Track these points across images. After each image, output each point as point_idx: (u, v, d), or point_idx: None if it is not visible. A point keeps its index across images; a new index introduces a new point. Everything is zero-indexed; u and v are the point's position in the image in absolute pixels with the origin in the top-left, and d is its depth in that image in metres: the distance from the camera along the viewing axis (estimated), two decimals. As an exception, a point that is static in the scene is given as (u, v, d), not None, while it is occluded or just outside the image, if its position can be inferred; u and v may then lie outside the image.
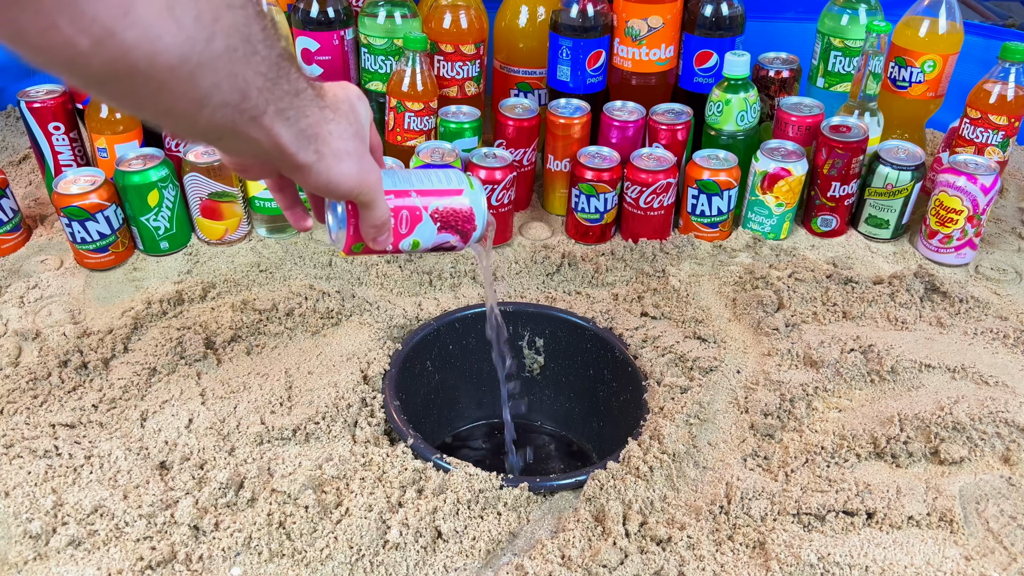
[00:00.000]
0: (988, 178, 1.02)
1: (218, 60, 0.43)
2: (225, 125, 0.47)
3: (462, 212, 0.68)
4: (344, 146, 0.56)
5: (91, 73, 0.40)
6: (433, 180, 0.68)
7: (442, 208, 0.67)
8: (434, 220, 0.67)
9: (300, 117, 0.51)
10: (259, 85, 0.47)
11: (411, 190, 0.66)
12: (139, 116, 0.50)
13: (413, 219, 0.66)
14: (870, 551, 0.68)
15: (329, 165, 0.55)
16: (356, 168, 0.57)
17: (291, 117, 0.50)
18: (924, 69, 1.14)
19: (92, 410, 0.82)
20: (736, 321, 0.98)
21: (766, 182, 1.07)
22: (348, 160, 0.56)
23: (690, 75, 1.19)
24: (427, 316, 0.97)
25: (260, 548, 0.67)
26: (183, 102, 0.44)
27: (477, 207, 0.69)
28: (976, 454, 0.78)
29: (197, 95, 0.44)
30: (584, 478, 0.75)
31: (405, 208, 0.66)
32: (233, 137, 0.50)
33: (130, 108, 0.46)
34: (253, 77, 0.46)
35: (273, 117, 0.49)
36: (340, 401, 0.82)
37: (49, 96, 1.07)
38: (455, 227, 0.69)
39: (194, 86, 0.43)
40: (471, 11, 1.17)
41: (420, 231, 0.67)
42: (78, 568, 0.66)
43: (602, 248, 1.10)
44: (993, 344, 0.93)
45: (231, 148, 0.57)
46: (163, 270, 1.03)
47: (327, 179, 0.55)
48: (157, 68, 0.40)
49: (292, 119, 0.51)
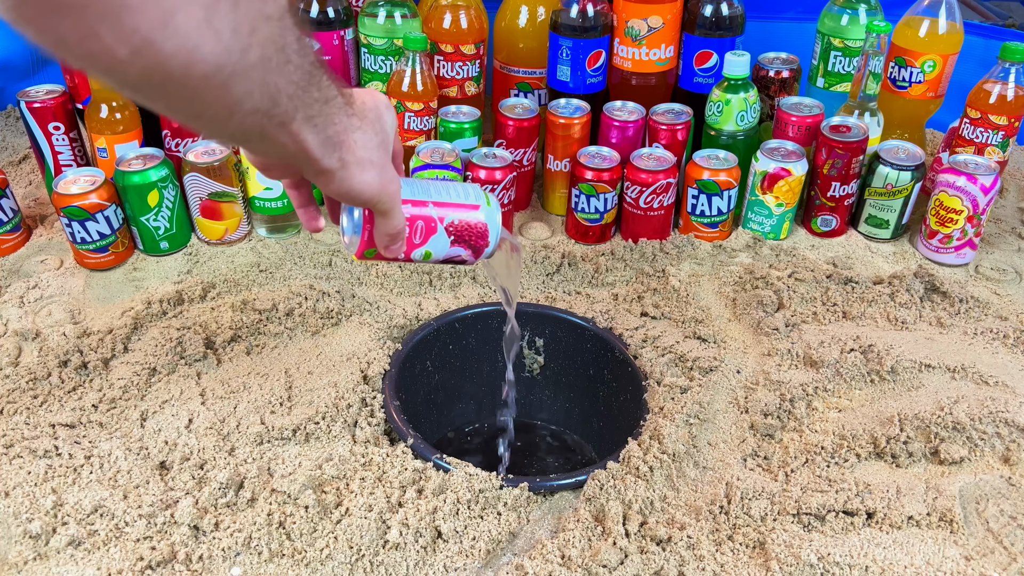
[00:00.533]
0: (988, 178, 1.02)
1: (252, 70, 0.44)
2: (254, 130, 0.48)
3: (477, 227, 0.68)
4: (368, 155, 0.56)
5: (127, 79, 0.41)
6: (451, 193, 0.68)
7: (457, 222, 0.67)
8: (448, 233, 0.67)
9: (328, 124, 0.52)
10: (290, 92, 0.47)
11: (429, 201, 0.66)
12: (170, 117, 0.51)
13: (428, 230, 0.67)
14: (870, 551, 0.68)
15: (352, 173, 0.56)
16: (378, 178, 0.58)
17: (319, 124, 0.51)
18: (924, 69, 1.14)
19: (92, 410, 0.82)
20: (736, 321, 0.98)
21: (766, 182, 1.07)
22: (371, 169, 0.57)
23: (690, 75, 1.19)
24: (427, 316, 0.97)
25: (260, 548, 0.67)
26: (214, 108, 0.45)
27: (492, 224, 0.69)
28: (976, 454, 0.78)
29: (228, 102, 0.44)
30: (584, 478, 0.75)
31: (421, 219, 0.66)
32: (261, 141, 0.51)
33: (162, 110, 0.47)
34: (285, 85, 0.47)
35: (301, 123, 0.50)
36: (340, 401, 0.82)
37: (49, 96, 1.07)
38: (468, 241, 0.69)
39: (226, 93, 0.44)
40: (471, 11, 1.17)
41: (433, 242, 0.67)
42: (78, 568, 0.66)
43: (602, 248, 1.10)
44: (993, 344, 0.93)
45: (257, 150, 0.58)
46: (163, 270, 1.03)
47: (348, 187, 0.56)
48: (192, 77, 0.41)
49: (320, 126, 0.51)
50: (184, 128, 1.08)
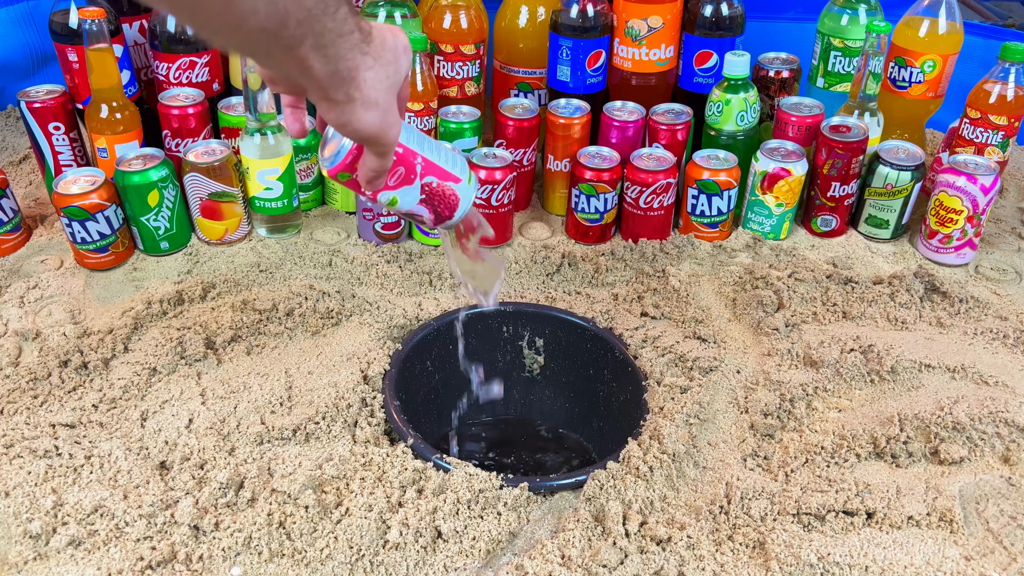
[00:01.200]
0: (988, 178, 1.02)
1: None
2: (259, 48, 0.49)
3: (449, 197, 0.70)
4: (375, 95, 0.57)
5: None
6: (442, 156, 0.70)
7: (435, 185, 0.69)
8: (422, 190, 0.69)
9: (339, 59, 0.52)
10: (300, 17, 0.47)
11: (419, 154, 0.68)
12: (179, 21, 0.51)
13: (404, 179, 0.68)
14: (870, 551, 0.68)
15: (355, 109, 0.56)
16: (380, 119, 0.58)
17: (330, 56, 0.51)
18: (924, 69, 1.14)
19: (92, 410, 0.82)
20: (736, 321, 0.98)
21: (766, 182, 1.07)
22: (375, 110, 0.57)
23: (690, 75, 1.19)
24: (427, 316, 0.97)
25: (260, 548, 0.67)
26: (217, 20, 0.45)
27: (464, 200, 0.71)
28: (976, 454, 0.78)
29: (232, 17, 0.45)
30: (584, 478, 0.75)
31: (403, 166, 0.67)
32: (267, 58, 0.52)
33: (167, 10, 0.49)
34: (295, 9, 0.47)
35: (309, 50, 0.50)
36: (340, 401, 0.82)
37: (49, 96, 1.07)
38: (435, 206, 0.70)
39: (229, 7, 0.44)
40: (471, 11, 1.17)
41: (404, 192, 0.68)
42: (78, 568, 0.66)
43: (602, 248, 1.10)
44: (993, 344, 0.93)
45: (266, 66, 0.60)
46: (163, 270, 1.03)
47: (348, 121, 0.57)
48: None
49: (331, 58, 0.52)
50: (184, 128, 1.08)
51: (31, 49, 1.41)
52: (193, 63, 1.11)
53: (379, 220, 1.06)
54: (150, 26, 1.10)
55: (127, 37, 1.15)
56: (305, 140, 1.10)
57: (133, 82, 1.13)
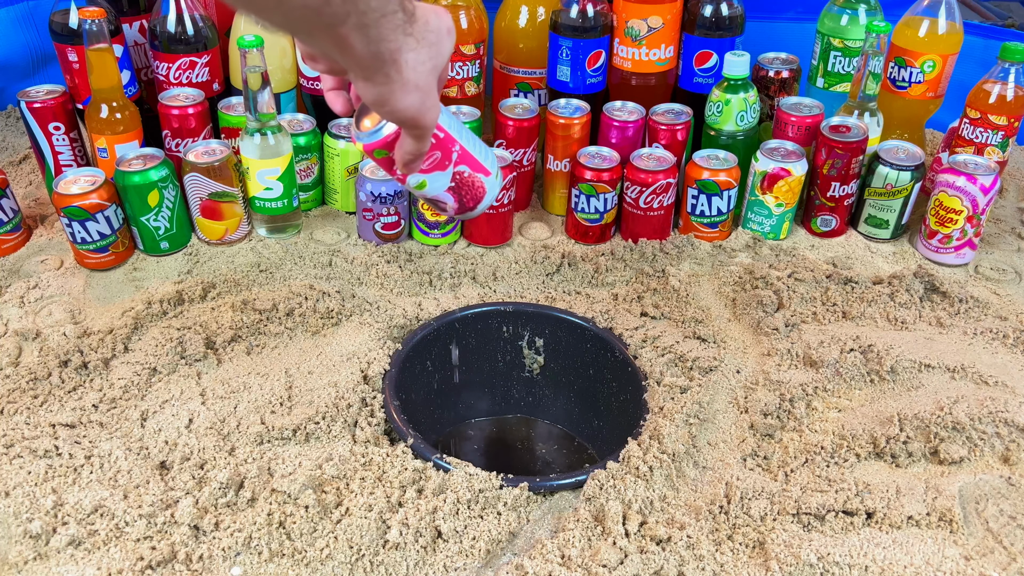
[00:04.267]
0: (988, 178, 1.02)
1: None
2: (301, 25, 0.48)
3: (478, 189, 0.71)
4: (416, 78, 0.56)
5: None
6: (476, 149, 0.70)
7: (467, 175, 0.70)
8: (452, 178, 0.69)
9: (381, 40, 0.51)
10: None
11: (457, 141, 0.68)
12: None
13: (439, 164, 0.68)
14: (870, 551, 0.68)
15: (394, 90, 0.55)
16: (420, 102, 0.57)
17: (372, 36, 0.51)
18: (924, 69, 1.14)
19: (92, 410, 0.82)
20: (736, 321, 0.98)
21: (766, 182, 1.07)
22: (415, 92, 0.56)
23: (690, 75, 1.19)
24: (427, 316, 0.98)
25: (260, 548, 0.67)
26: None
27: (489, 195, 0.72)
28: (976, 454, 0.78)
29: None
30: (584, 478, 0.75)
31: (440, 151, 0.67)
32: (308, 36, 0.51)
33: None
34: None
35: (351, 29, 0.49)
36: (340, 401, 0.82)
37: (49, 96, 1.07)
38: (461, 195, 0.71)
39: None
40: (471, 11, 1.17)
41: (435, 178, 0.69)
42: (78, 568, 0.66)
43: (602, 248, 1.10)
44: (993, 344, 0.93)
45: (307, 43, 0.59)
46: (163, 270, 1.03)
47: (387, 101, 0.56)
48: None
49: (373, 39, 0.51)
50: (184, 128, 1.08)
51: (31, 49, 1.41)
52: (193, 63, 1.11)
53: (379, 220, 1.06)
54: (150, 26, 1.10)
55: (127, 37, 1.15)
56: (305, 140, 1.10)
57: (133, 82, 1.13)
